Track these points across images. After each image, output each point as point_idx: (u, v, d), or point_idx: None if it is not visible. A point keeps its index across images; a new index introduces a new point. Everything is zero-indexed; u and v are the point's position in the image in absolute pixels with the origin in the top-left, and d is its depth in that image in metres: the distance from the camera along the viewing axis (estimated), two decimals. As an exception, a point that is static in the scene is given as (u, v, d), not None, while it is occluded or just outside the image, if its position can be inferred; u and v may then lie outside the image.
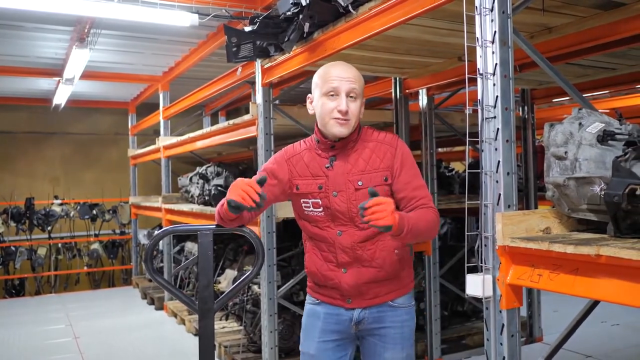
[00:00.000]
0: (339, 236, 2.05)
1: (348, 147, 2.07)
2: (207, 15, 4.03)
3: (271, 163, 2.16)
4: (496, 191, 1.99)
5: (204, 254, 2.01)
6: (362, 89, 2.09)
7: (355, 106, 2.04)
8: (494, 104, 2.00)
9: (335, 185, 2.04)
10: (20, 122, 9.22)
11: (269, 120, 3.87)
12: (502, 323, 1.96)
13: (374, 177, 2.04)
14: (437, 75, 4.09)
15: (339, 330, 2.12)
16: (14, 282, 8.52)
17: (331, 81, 2.02)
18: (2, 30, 5.30)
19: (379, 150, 2.07)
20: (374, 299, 2.09)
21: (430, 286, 4.50)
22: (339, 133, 2.03)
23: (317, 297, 2.17)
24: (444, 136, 5.55)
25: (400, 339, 2.11)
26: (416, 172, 2.09)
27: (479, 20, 2.04)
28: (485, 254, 2.02)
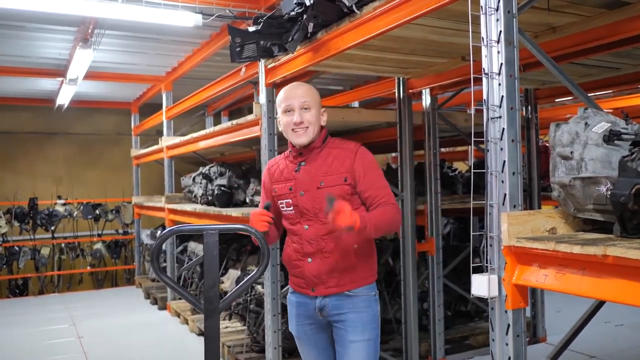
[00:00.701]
0: (306, 230, 2.36)
1: (313, 153, 2.39)
2: (210, 15, 4.03)
3: (263, 177, 2.56)
4: (502, 191, 1.99)
5: (209, 253, 2.01)
6: (315, 101, 2.40)
7: (310, 115, 2.36)
8: (499, 103, 2.00)
9: (302, 186, 2.36)
10: (24, 122, 9.23)
11: (272, 120, 3.87)
12: (508, 323, 1.96)
13: (334, 178, 2.33)
14: (440, 75, 4.08)
15: (308, 315, 2.42)
16: (18, 282, 8.54)
17: (285, 100, 2.39)
18: (6, 31, 5.31)
19: (341, 156, 2.36)
20: (333, 288, 2.34)
21: (433, 286, 4.50)
22: (300, 142, 2.36)
23: (292, 286, 2.49)
24: (447, 136, 5.54)
25: (361, 323, 2.33)
26: (379, 174, 2.38)
27: (485, 20, 2.04)
28: (490, 254, 2.02)
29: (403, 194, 4.38)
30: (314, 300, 2.38)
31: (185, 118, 8.41)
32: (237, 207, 5.16)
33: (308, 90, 2.42)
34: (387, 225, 2.27)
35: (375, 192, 2.32)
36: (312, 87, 2.47)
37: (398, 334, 4.72)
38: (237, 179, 5.36)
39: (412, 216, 4.39)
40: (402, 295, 4.44)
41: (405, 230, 4.37)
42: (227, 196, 5.23)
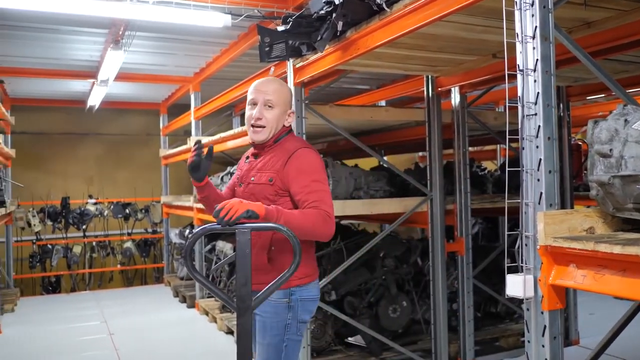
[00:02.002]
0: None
1: (264, 150, 2.42)
2: (239, 15, 4.05)
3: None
4: (537, 190, 1.95)
5: (242, 252, 2.02)
6: (281, 100, 2.39)
7: (271, 114, 2.36)
8: (534, 100, 1.96)
9: (243, 178, 2.45)
10: (56, 123, 9.42)
11: (301, 120, 3.87)
12: (544, 325, 1.93)
13: (262, 176, 2.36)
14: (470, 73, 4.03)
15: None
16: (51, 279, 8.73)
17: (252, 93, 2.39)
18: (40, 34, 5.42)
19: (277, 156, 2.36)
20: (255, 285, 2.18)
21: (463, 287, 4.45)
22: (254, 138, 2.39)
23: None
24: (475, 135, 5.48)
25: (263, 327, 2.32)
26: (314, 178, 2.28)
27: (519, 15, 2.01)
28: (526, 253, 1.98)
29: (432, 193, 4.34)
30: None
31: (212, 118, 8.48)
32: (265, 206, 5.17)
33: (278, 88, 2.40)
34: (301, 226, 2.15)
35: (305, 196, 2.24)
36: (285, 86, 2.45)
37: (427, 334, 4.68)
38: (264, 178, 5.36)
39: (441, 216, 4.34)
40: (431, 295, 4.40)
41: (434, 230, 4.33)
42: (255, 196, 5.24)
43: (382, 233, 4.36)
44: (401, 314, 4.64)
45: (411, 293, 4.81)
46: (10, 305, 6.98)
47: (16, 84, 7.57)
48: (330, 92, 7.19)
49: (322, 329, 4.42)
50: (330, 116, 4.04)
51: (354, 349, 4.60)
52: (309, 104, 3.94)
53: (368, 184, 4.46)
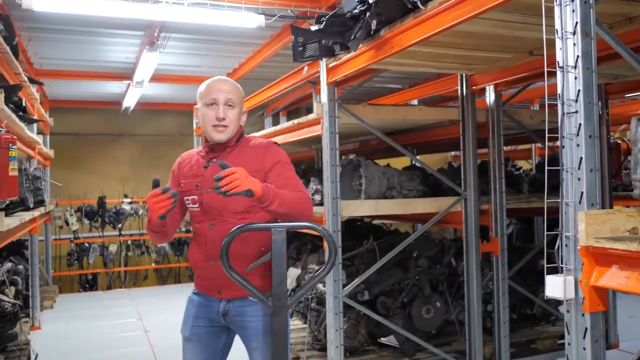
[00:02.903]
0: (210, 229, 2.26)
1: (226, 151, 2.31)
2: (272, 16, 4.08)
3: (173, 168, 2.49)
4: (578, 189, 1.91)
5: (277, 251, 2.03)
6: (239, 99, 2.33)
7: (232, 113, 2.28)
8: (575, 97, 1.92)
9: (209, 183, 2.24)
10: (93, 124, 9.64)
11: (334, 119, 3.87)
12: (585, 327, 1.88)
13: None
14: (506, 71, 3.97)
15: (209, 318, 2.32)
16: (88, 277, 8.93)
17: (210, 93, 2.28)
18: (78, 37, 5.55)
19: (252, 154, 2.29)
20: (240, 291, 2.20)
21: (498, 288, 4.38)
22: (218, 139, 2.28)
23: (197, 287, 2.40)
24: (510, 134, 5.39)
25: (262, 330, 2.24)
26: (290, 167, 2.29)
27: (559, 11, 1.97)
28: (566, 254, 1.94)
29: (466, 193, 4.29)
30: (218, 303, 2.30)
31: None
32: (297, 206, 5.19)
33: (234, 89, 2.34)
34: (297, 205, 2.10)
35: (284, 181, 2.19)
36: (238, 85, 2.38)
37: (461, 336, 4.63)
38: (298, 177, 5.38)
39: (475, 216, 4.29)
40: (465, 296, 4.35)
41: (468, 230, 4.28)
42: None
43: (416, 233, 4.33)
44: (435, 314, 4.60)
45: (445, 294, 4.76)
46: (49, 302, 7.17)
47: (54, 86, 7.77)
48: (361, 92, 7.17)
49: (355, 329, 4.42)
50: (363, 115, 4.03)
51: (387, 349, 4.58)
52: (341, 104, 3.93)
53: (401, 184, 4.43)
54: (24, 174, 4.51)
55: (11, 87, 3.87)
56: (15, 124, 3.94)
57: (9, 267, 5.21)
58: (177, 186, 2.38)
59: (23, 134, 4.56)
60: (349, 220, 4.58)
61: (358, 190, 4.23)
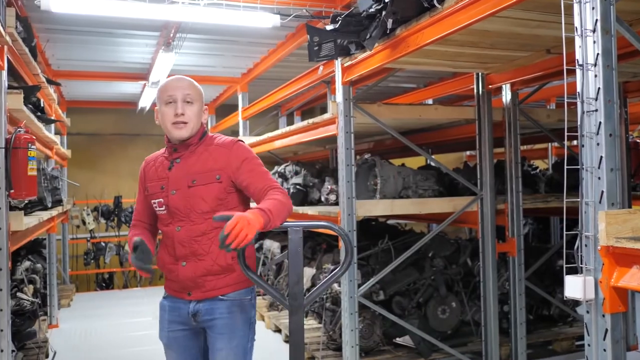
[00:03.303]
0: (178, 231, 2.22)
1: (189, 150, 2.27)
2: (288, 15, 4.08)
3: (139, 174, 2.42)
4: (598, 188, 1.89)
5: (294, 250, 2.03)
6: (198, 95, 2.30)
7: (191, 110, 2.24)
8: (595, 96, 1.90)
9: (174, 184, 2.23)
10: (109, 124, 9.73)
11: (349, 119, 3.86)
12: (606, 328, 1.86)
13: (207, 176, 2.21)
14: (522, 70, 3.94)
15: (182, 321, 2.29)
16: (104, 276, 9.02)
17: (168, 90, 2.26)
18: (95, 37, 5.61)
19: (215, 152, 2.25)
20: (210, 292, 2.23)
21: (514, 288, 4.34)
22: (179, 136, 2.24)
23: (166, 290, 2.37)
24: (526, 133, 5.35)
25: (229, 329, 2.21)
26: (258, 162, 2.26)
27: (579, 8, 1.95)
28: (586, 254, 1.92)
29: (482, 192, 4.27)
30: (187, 305, 2.26)
31: (259, 118, 8.58)
32: (312, 205, 5.20)
33: (192, 85, 2.30)
34: (286, 211, 2.08)
35: (259, 180, 2.18)
36: (196, 82, 2.35)
37: (477, 336, 4.60)
38: (311, 177, 5.40)
39: (491, 216, 4.26)
40: (481, 297, 4.32)
41: (484, 230, 4.25)
42: (302, 195, 5.28)
43: (432, 233, 4.31)
44: (450, 315, 4.58)
45: (460, 294, 4.74)
46: (66, 301, 7.24)
47: (71, 86, 7.86)
48: (376, 91, 7.16)
49: (370, 329, 4.41)
50: (378, 115, 4.02)
51: (402, 349, 4.56)
52: (357, 103, 3.93)
53: (416, 183, 4.42)
54: (42, 173, 4.57)
55: (30, 88, 3.91)
56: (34, 124, 3.98)
57: (28, 266, 5.27)
58: (144, 191, 2.35)
59: (41, 134, 4.61)
60: (363, 220, 4.57)
61: (373, 189, 4.22)
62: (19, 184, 3.16)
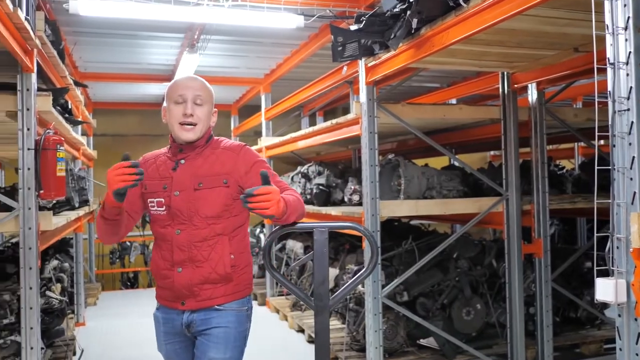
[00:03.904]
0: (177, 234, 2.12)
1: (195, 152, 2.18)
2: (311, 16, 4.09)
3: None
4: (630, 189, 1.85)
5: (319, 251, 2.02)
6: (209, 96, 2.20)
7: (201, 111, 2.16)
8: (627, 95, 1.87)
9: (178, 185, 2.13)
10: (133, 125, 9.85)
11: (372, 119, 3.85)
12: (638, 332, 1.82)
13: (214, 179, 2.12)
14: (549, 68, 3.89)
15: (177, 332, 2.19)
16: (129, 275, 9.13)
17: (177, 90, 2.16)
18: (120, 40, 5.68)
19: (223, 156, 2.17)
20: (206, 301, 2.13)
21: (541, 290, 4.28)
22: (186, 138, 2.14)
23: (159, 300, 2.25)
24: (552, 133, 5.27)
25: (224, 339, 2.13)
26: (268, 166, 2.19)
27: (610, 6, 1.92)
28: (617, 257, 1.89)
29: (508, 193, 4.22)
30: (181, 315, 2.16)
31: (281, 119, 8.60)
32: (335, 205, 5.20)
33: (203, 86, 2.21)
34: (301, 211, 2.04)
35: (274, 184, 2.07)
36: (208, 83, 2.25)
37: (502, 339, 4.55)
38: (334, 178, 5.39)
39: (517, 216, 4.21)
40: (507, 298, 4.27)
41: (510, 231, 4.20)
42: (326, 195, 5.28)
43: (456, 233, 4.28)
44: (475, 316, 4.53)
45: (485, 295, 4.69)
46: (92, 299, 7.36)
47: (97, 88, 7.98)
48: (399, 91, 7.13)
49: (394, 330, 4.39)
50: (402, 115, 4.00)
51: (426, 351, 4.53)
52: (380, 103, 3.91)
53: (441, 184, 4.38)
54: (69, 174, 4.65)
55: (59, 90, 3.98)
56: (62, 125, 4.05)
57: (56, 265, 5.36)
58: (140, 189, 2.19)
59: (69, 135, 4.69)
60: (386, 220, 4.56)
61: (397, 190, 4.20)
62: (49, 184, 3.22)
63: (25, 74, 3.18)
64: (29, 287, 3.18)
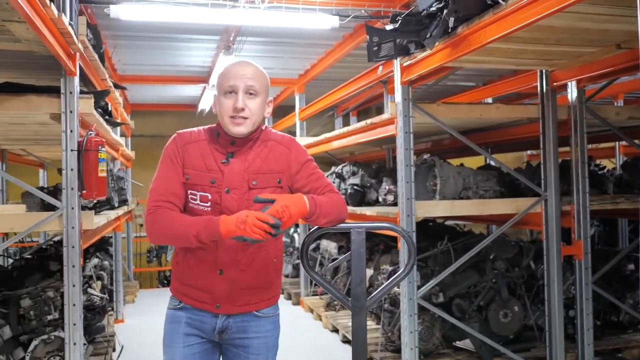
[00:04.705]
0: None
1: (247, 145, 2.00)
2: (346, 16, 4.09)
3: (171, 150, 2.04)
4: (678, 190, 1.80)
5: (356, 251, 2.03)
6: (263, 86, 1.99)
7: (254, 104, 1.95)
8: (674, 93, 1.81)
9: (229, 182, 1.95)
10: (169, 126, 9.98)
11: (408, 119, 3.84)
12: (686, 336, 1.77)
13: (268, 178, 1.98)
14: (589, 66, 3.80)
15: (202, 335, 2.03)
16: (166, 273, 9.29)
17: (228, 79, 1.95)
18: (158, 43, 5.80)
19: (276, 150, 2.02)
20: (243, 307, 2.01)
21: (581, 293, 4.19)
22: (237, 132, 1.95)
23: (182, 298, 2.06)
24: (592, 132, 5.15)
25: (265, 349, 2.05)
26: (315, 166, 2.08)
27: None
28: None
29: (546, 193, 4.14)
30: (214, 319, 2.00)
31: (315, 119, 8.62)
32: (369, 206, 5.19)
33: (258, 73, 1.98)
34: (336, 211, 1.96)
35: (317, 183, 2.02)
36: (262, 69, 2.02)
37: (540, 342, 4.47)
38: (369, 178, 5.39)
39: (556, 217, 4.13)
40: (545, 301, 4.19)
41: (549, 232, 4.13)
42: (360, 195, 5.28)
43: (494, 234, 4.22)
44: (513, 319, 4.46)
45: (523, 297, 4.61)
46: (131, 297, 7.52)
47: (135, 90, 8.15)
48: (434, 91, 7.06)
49: (430, 331, 4.35)
50: (438, 115, 3.97)
51: (462, 353, 4.48)
52: (416, 103, 3.89)
53: (477, 184, 4.33)
54: (109, 174, 4.76)
55: (100, 93, 4.08)
56: (103, 127, 4.15)
57: (96, 263, 5.50)
58: (180, 174, 1.98)
59: (109, 136, 4.80)
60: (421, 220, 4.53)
61: (433, 190, 4.17)
62: (90, 184, 3.30)
63: (68, 77, 3.27)
64: (72, 285, 3.27)
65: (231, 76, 1.95)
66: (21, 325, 3.70)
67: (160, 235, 1.95)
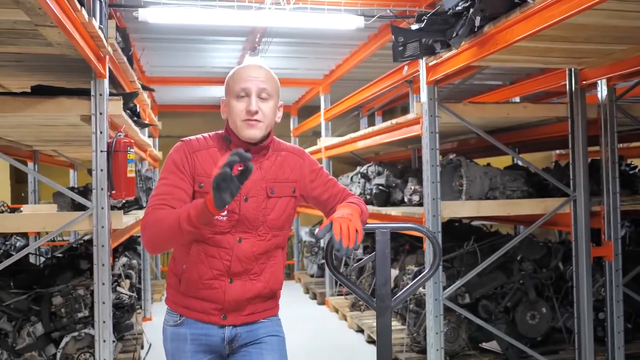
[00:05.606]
0: (239, 243, 1.89)
1: (261, 152, 1.95)
2: (372, 16, 4.09)
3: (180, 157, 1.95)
4: None
5: (381, 252, 2.02)
6: (275, 89, 1.94)
7: (267, 107, 1.90)
8: None
9: (248, 190, 1.88)
10: (195, 127, 10.03)
11: (434, 119, 3.81)
12: None
13: (285, 187, 1.97)
14: (620, 64, 3.72)
15: (211, 350, 1.96)
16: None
17: (240, 82, 1.89)
18: (185, 45, 5.88)
19: (290, 160, 2.01)
20: (250, 316, 1.97)
21: (611, 295, 4.11)
22: (251, 135, 1.89)
23: (183, 312, 1.96)
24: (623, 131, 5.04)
25: (279, 347, 2.03)
26: (327, 173, 2.10)
27: (689, -3, 1.82)
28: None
29: (575, 193, 4.07)
30: (221, 330, 1.94)
31: (340, 119, 8.63)
32: (395, 206, 5.18)
33: (269, 77, 1.93)
34: (366, 213, 2.01)
35: (335, 189, 2.05)
36: (272, 72, 1.98)
37: (569, 344, 4.40)
38: (394, 178, 5.37)
39: (586, 218, 4.06)
40: (574, 303, 4.12)
41: (578, 233, 4.06)
42: (385, 195, 5.27)
43: (521, 235, 4.17)
44: (540, 320, 4.41)
45: (551, 299, 4.54)
46: (158, 295, 7.63)
47: (163, 91, 8.27)
48: (460, 90, 7.00)
49: (455, 332, 4.32)
50: (464, 114, 3.94)
51: (488, 354, 4.44)
52: (441, 103, 3.87)
53: (504, 184, 4.29)
54: (137, 175, 4.84)
55: (128, 95, 4.15)
56: (131, 128, 4.22)
57: (125, 262, 5.60)
58: (188, 182, 1.91)
59: (137, 137, 4.88)
60: (447, 221, 4.50)
61: (459, 190, 4.14)
62: (120, 185, 3.36)
63: (98, 79, 3.34)
64: (102, 283, 3.33)
65: (243, 79, 1.90)
66: (53, 323, 3.78)
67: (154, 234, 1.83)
